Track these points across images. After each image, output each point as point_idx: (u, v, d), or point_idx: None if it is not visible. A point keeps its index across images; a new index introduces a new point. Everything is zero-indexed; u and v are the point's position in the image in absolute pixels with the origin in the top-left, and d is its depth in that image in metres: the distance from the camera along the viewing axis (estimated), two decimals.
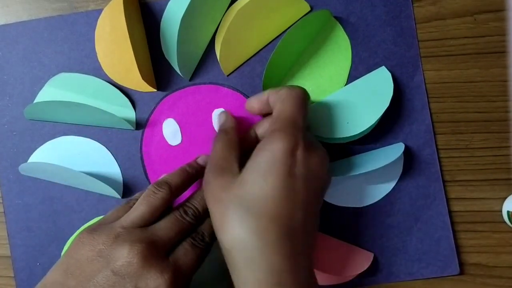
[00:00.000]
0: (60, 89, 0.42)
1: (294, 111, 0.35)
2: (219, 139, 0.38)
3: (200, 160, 0.40)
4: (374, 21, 0.42)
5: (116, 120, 0.41)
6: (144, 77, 0.41)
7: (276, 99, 0.37)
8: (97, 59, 0.42)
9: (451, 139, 0.42)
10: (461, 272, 0.42)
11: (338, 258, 0.41)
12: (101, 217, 0.42)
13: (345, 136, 0.40)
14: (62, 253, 0.42)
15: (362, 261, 0.41)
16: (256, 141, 0.38)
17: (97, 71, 0.42)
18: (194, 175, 0.39)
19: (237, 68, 0.43)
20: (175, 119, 0.43)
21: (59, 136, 0.43)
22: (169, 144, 0.43)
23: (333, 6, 0.42)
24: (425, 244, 0.42)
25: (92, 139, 0.43)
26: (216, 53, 0.43)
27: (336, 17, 0.42)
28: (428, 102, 0.42)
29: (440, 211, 0.42)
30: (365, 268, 0.41)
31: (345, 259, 0.41)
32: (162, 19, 0.42)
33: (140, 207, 0.35)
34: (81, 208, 0.42)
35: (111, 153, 0.43)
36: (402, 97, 0.42)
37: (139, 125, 0.43)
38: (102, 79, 0.42)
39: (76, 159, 0.43)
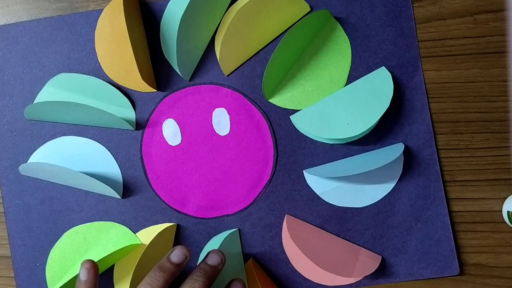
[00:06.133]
0: (60, 89, 0.42)
1: None
2: None
3: (174, 258, 0.38)
4: (374, 21, 0.42)
5: (116, 120, 0.41)
6: (144, 77, 0.41)
7: None
8: (97, 59, 0.42)
9: (451, 139, 0.42)
10: (461, 272, 0.42)
11: (346, 259, 0.41)
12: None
13: (345, 136, 0.40)
14: (52, 250, 0.42)
15: (369, 263, 0.41)
16: None
17: (97, 71, 0.42)
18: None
19: (237, 68, 0.43)
20: (175, 119, 0.43)
21: (59, 136, 0.43)
22: (169, 144, 0.43)
23: (333, 6, 0.42)
24: (425, 244, 0.42)
25: (92, 139, 0.43)
26: (216, 53, 0.43)
27: (336, 17, 0.42)
28: (428, 102, 0.42)
29: (440, 211, 0.42)
30: (372, 271, 0.41)
31: (353, 260, 0.41)
32: (162, 19, 0.42)
33: None
34: (81, 208, 0.42)
35: (111, 153, 0.43)
36: (402, 97, 0.42)
37: (139, 125, 0.43)
38: (102, 79, 0.42)
39: (76, 159, 0.43)
